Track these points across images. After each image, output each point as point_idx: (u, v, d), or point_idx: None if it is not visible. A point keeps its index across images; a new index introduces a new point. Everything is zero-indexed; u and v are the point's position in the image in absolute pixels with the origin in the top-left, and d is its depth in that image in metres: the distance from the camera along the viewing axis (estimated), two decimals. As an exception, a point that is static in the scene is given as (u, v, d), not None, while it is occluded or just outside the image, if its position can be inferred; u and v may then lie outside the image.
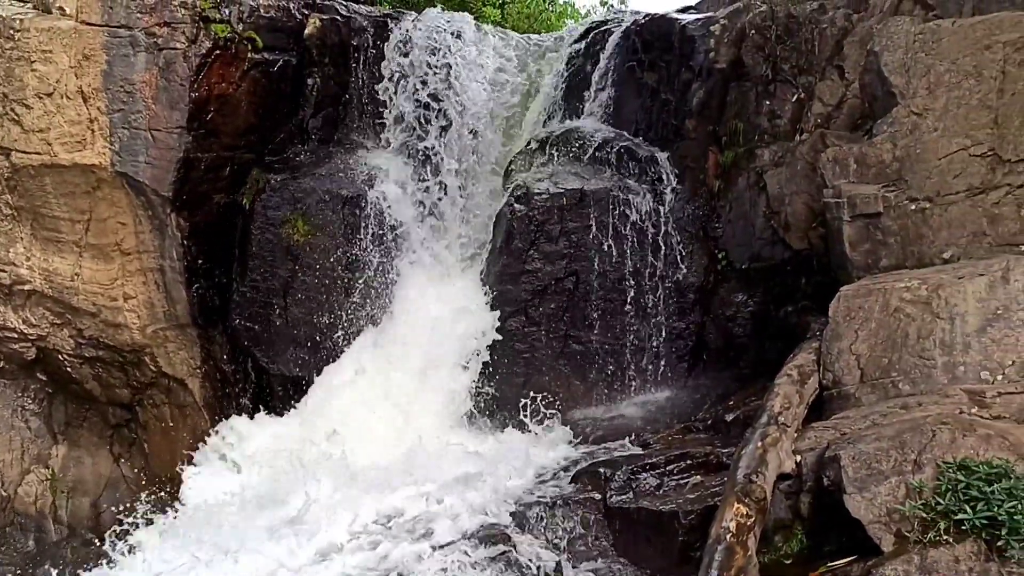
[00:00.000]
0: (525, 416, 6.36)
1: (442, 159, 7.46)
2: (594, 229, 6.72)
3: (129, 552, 5.45)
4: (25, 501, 7.36)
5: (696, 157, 6.90)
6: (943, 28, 5.51)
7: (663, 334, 6.77)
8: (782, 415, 4.37)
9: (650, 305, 6.77)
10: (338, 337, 7.08)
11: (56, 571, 5.59)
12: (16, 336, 7.13)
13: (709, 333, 6.80)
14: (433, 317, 6.95)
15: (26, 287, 6.98)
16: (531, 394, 6.53)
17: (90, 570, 5.42)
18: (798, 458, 4.20)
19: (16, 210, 6.86)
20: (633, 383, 6.70)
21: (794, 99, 6.58)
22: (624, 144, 7.10)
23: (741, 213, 6.64)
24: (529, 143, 7.24)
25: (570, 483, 4.88)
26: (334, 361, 6.98)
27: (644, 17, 7.48)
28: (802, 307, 6.17)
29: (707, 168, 6.85)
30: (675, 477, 4.69)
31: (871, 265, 5.43)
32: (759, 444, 4.13)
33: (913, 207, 5.36)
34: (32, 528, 7.34)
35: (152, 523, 6.10)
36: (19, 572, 5.95)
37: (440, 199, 7.42)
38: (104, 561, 5.54)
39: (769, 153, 6.51)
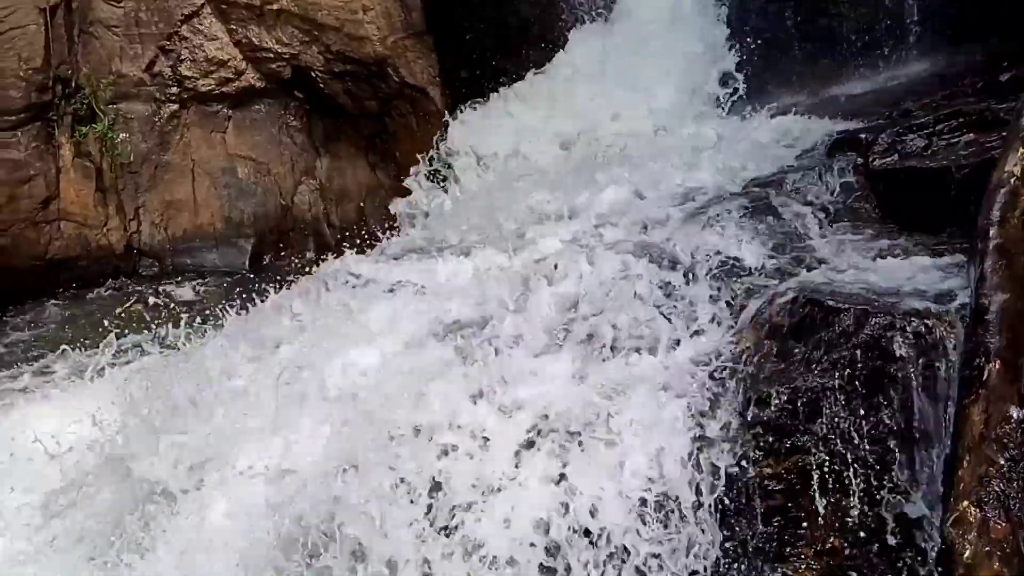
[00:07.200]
0: (771, 99, 6.16)
1: None
2: None
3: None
4: (301, 209, 8.20)
5: None
6: None
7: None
8: (1079, 57, 3.94)
9: (907, -34, 6.12)
10: (567, 30, 7.01)
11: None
12: (272, 56, 7.62)
13: (977, -8, 6.09)
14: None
15: (275, 6, 7.34)
16: (776, 76, 6.29)
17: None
18: (1096, 101, 3.82)
19: (257, -71, 7.10)
20: (888, 56, 6.23)
21: None
22: None
23: None
24: None
25: (828, 152, 4.75)
26: (564, 53, 6.98)
27: None
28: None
29: None
30: (945, 137, 4.42)
31: None
32: (1051, 87, 3.78)
33: None
34: (311, 232, 8.22)
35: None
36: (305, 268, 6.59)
37: None
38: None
39: None
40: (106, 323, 6.04)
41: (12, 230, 7.19)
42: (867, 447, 3.07)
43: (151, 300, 6.84)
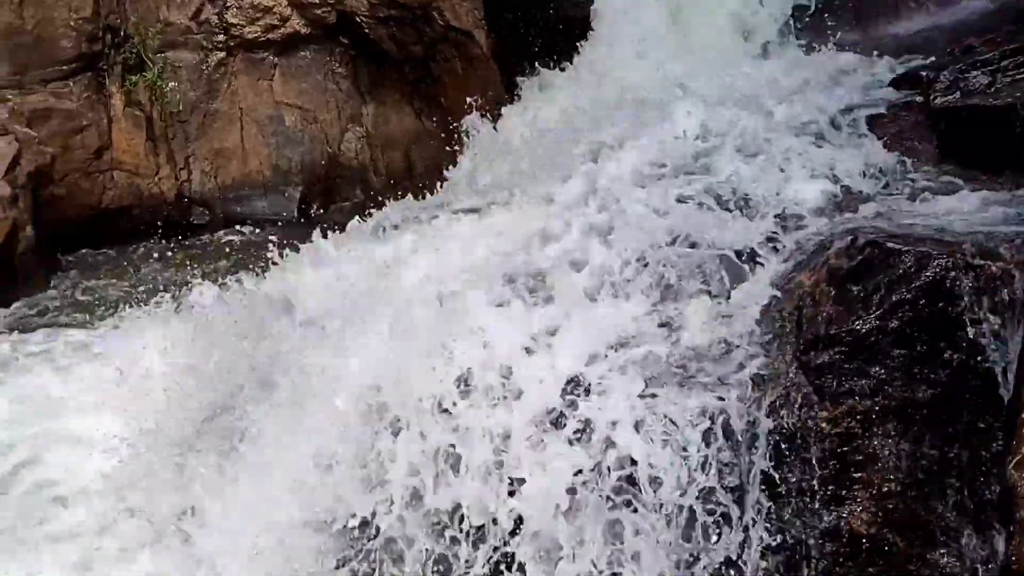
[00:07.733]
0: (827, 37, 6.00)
1: None
2: None
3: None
4: (348, 156, 8.20)
5: None
6: None
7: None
8: None
9: None
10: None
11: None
12: (317, 1, 7.60)
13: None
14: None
15: (318, -49, 7.29)
16: (831, 13, 6.12)
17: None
18: None
19: None
20: (950, -11, 6.04)
21: None
22: None
23: None
24: None
25: (887, 89, 4.63)
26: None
27: None
28: None
29: None
30: (1010, 73, 4.27)
31: None
32: None
33: None
34: (357, 180, 8.23)
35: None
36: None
37: None
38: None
39: None
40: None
41: (67, 180, 7.31)
42: (926, 390, 3.05)
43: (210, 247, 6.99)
